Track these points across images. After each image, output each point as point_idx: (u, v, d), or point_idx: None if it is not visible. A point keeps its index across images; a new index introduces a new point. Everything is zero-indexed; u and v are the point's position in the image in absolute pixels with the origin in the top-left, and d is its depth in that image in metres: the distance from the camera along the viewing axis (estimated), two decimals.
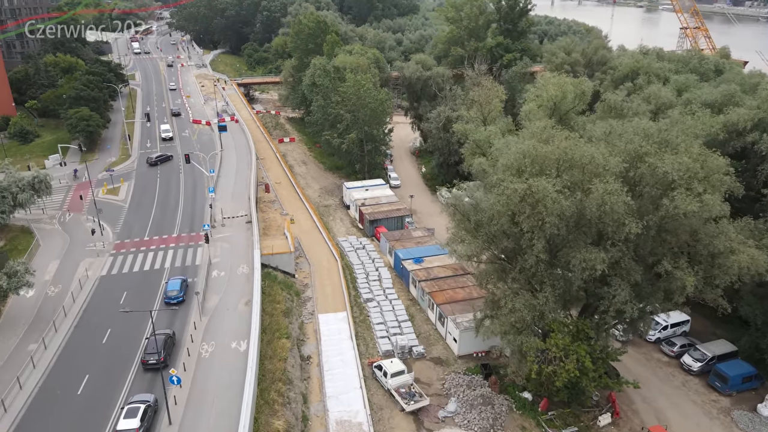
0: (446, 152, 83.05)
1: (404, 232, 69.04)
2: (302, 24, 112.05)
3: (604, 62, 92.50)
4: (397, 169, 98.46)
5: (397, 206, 76.10)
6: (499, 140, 42.97)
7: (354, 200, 77.92)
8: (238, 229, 64.75)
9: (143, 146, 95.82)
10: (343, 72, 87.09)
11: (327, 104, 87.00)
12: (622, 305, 35.36)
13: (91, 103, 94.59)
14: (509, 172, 35.00)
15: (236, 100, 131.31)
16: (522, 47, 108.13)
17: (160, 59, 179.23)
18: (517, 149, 35.24)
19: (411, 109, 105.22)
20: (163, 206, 71.14)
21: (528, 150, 34.46)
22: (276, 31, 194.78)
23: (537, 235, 33.84)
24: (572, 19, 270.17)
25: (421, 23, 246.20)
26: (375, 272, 63.02)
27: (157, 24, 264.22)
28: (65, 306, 48.71)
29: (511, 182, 33.42)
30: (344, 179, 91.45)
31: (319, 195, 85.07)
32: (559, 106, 60.14)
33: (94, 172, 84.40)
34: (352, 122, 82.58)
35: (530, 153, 34.32)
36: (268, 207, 77.00)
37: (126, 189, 76.79)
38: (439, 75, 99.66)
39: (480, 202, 37.28)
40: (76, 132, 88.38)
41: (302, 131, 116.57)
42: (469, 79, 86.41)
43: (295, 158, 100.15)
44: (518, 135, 41.99)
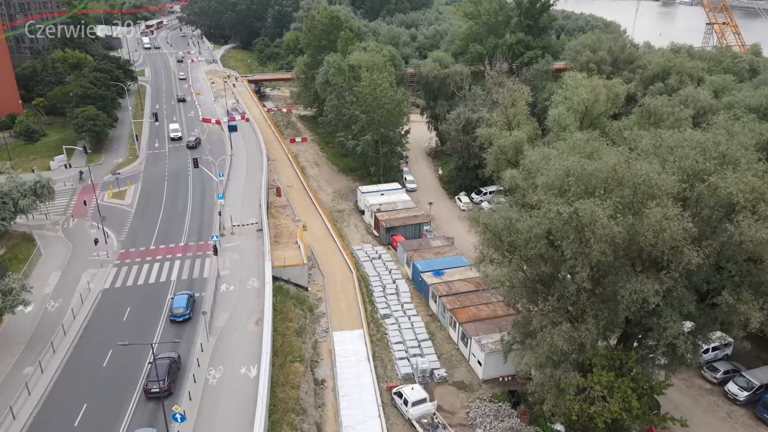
0: (465, 156, 79.30)
1: (423, 242, 65.50)
2: (315, 19, 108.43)
3: (632, 60, 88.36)
4: (412, 170, 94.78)
5: (414, 213, 72.55)
6: (533, 151, 39.18)
7: (369, 205, 74.49)
8: (249, 237, 61.56)
9: (151, 146, 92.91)
10: (358, 71, 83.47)
11: (341, 104, 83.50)
12: (674, 339, 31.70)
13: (98, 101, 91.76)
14: (551, 192, 31.34)
15: (247, 97, 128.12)
16: (543, 44, 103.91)
17: (171, 54, 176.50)
18: (560, 166, 31.53)
19: (427, 108, 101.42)
20: (171, 211, 68.11)
21: (573, 167, 30.75)
22: (287, 26, 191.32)
23: (581, 262, 30.19)
24: (589, 14, 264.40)
25: (435, 18, 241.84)
26: (392, 285, 59.59)
27: (167, 19, 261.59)
28: (65, 324, 45.79)
29: (554, 204, 29.78)
30: (358, 182, 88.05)
31: (332, 199, 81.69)
32: (591, 109, 56.21)
33: (101, 173, 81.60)
34: (367, 123, 79.02)
35: (575, 171, 30.62)
36: (279, 212, 73.75)
37: (132, 192, 73.86)
38: (457, 73, 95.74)
39: (514, 221, 33.62)
40: (82, 132, 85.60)
41: (314, 130, 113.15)
42: (490, 79, 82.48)
43: (307, 159, 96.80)
44: (555, 147, 38.23)
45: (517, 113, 60.42)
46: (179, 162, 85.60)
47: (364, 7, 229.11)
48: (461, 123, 77.44)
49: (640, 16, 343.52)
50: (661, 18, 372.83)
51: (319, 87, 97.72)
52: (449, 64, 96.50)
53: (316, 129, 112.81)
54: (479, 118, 76.59)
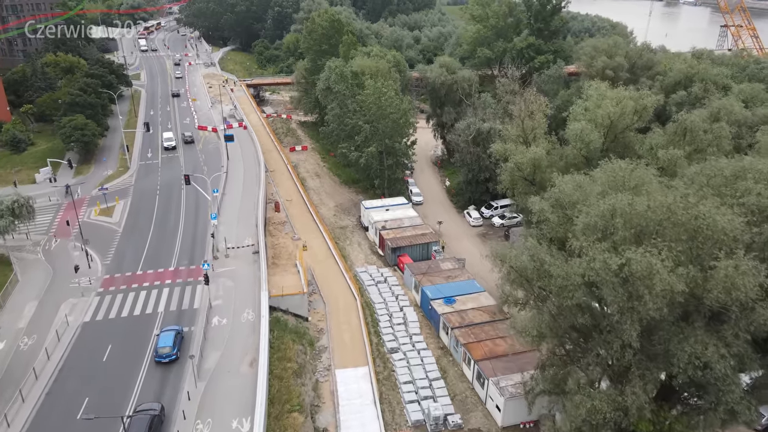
0: (476, 168, 74.63)
1: (432, 264, 60.82)
2: (315, 23, 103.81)
3: (650, 66, 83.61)
4: (418, 181, 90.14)
5: (422, 231, 67.88)
6: (564, 179, 34.44)
7: (373, 222, 69.83)
8: (244, 261, 56.91)
9: (143, 156, 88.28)
10: (362, 78, 78.80)
11: (343, 113, 78.85)
12: (735, 404, 27.06)
13: (88, 109, 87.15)
14: (593, 236, 26.70)
15: (245, 102, 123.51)
16: (555, 48, 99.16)
17: (168, 57, 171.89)
18: (605, 206, 26.80)
19: (433, 116, 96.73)
20: (161, 230, 63.48)
21: (620, 207, 26.10)
22: (288, 27, 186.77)
23: (630, 318, 25.55)
24: (595, 15, 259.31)
25: (438, 19, 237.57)
26: (399, 312, 54.95)
27: (166, 20, 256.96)
28: (37, 366, 41.16)
29: (599, 252, 25.16)
30: (361, 194, 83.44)
31: (334, 214, 77.00)
32: (616, 123, 51.53)
33: (90, 186, 77.03)
34: (371, 134, 74.37)
35: (623, 211, 25.97)
36: (278, 230, 69.12)
37: (121, 209, 69.19)
38: (465, 80, 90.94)
39: (547, 265, 28.95)
40: (69, 142, 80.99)
41: (315, 137, 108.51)
42: (502, 87, 77.80)
43: (307, 169, 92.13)
44: (592, 176, 33.46)
45: (534, 126, 55.72)
46: (172, 173, 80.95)
47: (365, 8, 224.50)
48: (471, 134, 72.76)
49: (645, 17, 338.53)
50: (665, 18, 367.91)
51: (320, 94, 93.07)
52: (456, 70, 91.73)
53: (317, 136, 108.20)
54: (490, 129, 71.94)
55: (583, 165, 54.27)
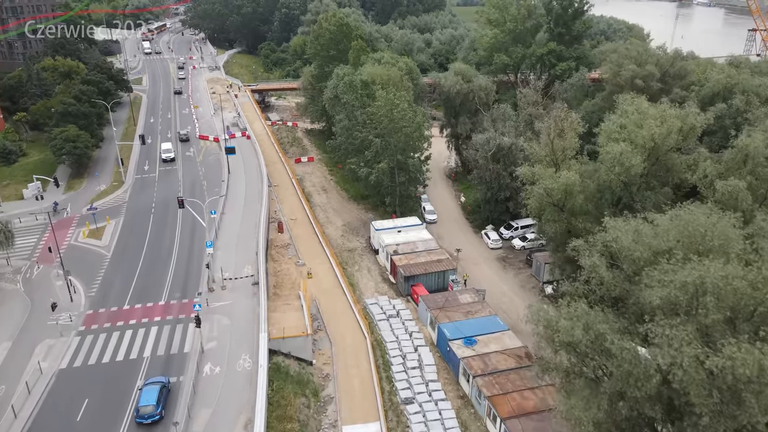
0: (495, 187, 68.88)
1: (449, 296, 55.15)
2: (322, 27, 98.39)
3: (683, 76, 77.41)
4: (431, 196, 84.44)
5: (437, 256, 62.25)
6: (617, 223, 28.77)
7: (384, 246, 64.27)
8: (243, 293, 51.52)
9: (140, 169, 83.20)
10: (372, 87, 73.25)
11: (352, 125, 73.34)
12: None
13: (81, 119, 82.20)
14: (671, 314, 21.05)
15: (249, 109, 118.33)
16: (577, 54, 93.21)
17: (172, 60, 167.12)
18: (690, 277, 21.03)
19: (448, 126, 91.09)
20: (154, 256, 58.21)
21: (712, 281, 20.34)
22: (295, 29, 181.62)
23: (724, 424, 19.84)
24: (610, 16, 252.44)
25: (449, 20, 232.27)
26: (413, 353, 49.37)
27: (171, 21, 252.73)
28: (1, 428, 35.92)
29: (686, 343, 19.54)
30: (371, 211, 77.92)
31: (341, 234, 71.49)
32: (660, 145, 45.72)
33: (81, 202, 72.08)
34: (382, 149, 68.82)
35: (715, 286, 20.24)
36: (281, 254, 63.74)
37: (112, 230, 64.02)
38: (482, 88, 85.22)
39: (608, 344, 23.28)
40: (61, 155, 75.99)
41: (322, 147, 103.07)
42: (524, 98, 72.02)
43: (313, 183, 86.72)
44: (655, 224, 27.70)
45: (565, 147, 49.98)
46: (170, 188, 75.76)
47: (374, 9, 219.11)
48: (491, 150, 67.03)
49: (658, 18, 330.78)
50: (679, 20, 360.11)
51: (328, 102, 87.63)
52: (472, 78, 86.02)
53: (325, 146, 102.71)
54: (512, 145, 66.24)
55: (620, 191, 48.63)
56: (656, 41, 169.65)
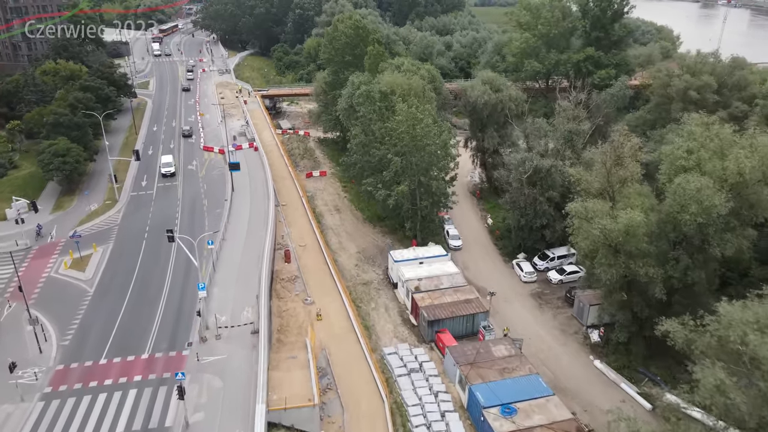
0: (531, 213, 60.72)
1: (481, 348, 47.15)
2: (338, 30, 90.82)
3: (743, 87, 68.73)
4: (453, 216, 76.21)
5: (465, 295, 54.30)
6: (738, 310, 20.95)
7: (405, 280, 56.49)
8: (240, 344, 44.09)
9: (137, 186, 76.27)
10: (392, 98, 65.52)
11: (369, 141, 65.66)
12: None
13: (74, 130, 75.46)
14: None
15: (258, 116, 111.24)
16: (617, 61, 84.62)
17: (182, 62, 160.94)
18: None
19: (473, 138, 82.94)
20: (141, 294, 51.03)
21: None
22: (309, 31, 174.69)
23: None
24: (637, 17, 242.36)
25: (468, 22, 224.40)
26: (440, 422, 41.47)
27: (183, 22, 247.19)
28: None
29: None
30: (388, 236, 70.13)
31: (356, 264, 63.80)
32: (748, 179, 37.40)
33: (69, 224, 65.31)
34: (402, 169, 61.05)
35: None
36: (287, 289, 56.22)
37: (98, 260, 56.98)
38: (513, 99, 77.09)
39: None
40: (49, 171, 69.26)
41: (336, 159, 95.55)
42: (563, 112, 63.76)
43: (325, 201, 79.13)
44: None
45: (625, 178, 41.82)
46: (168, 208, 68.82)
47: (391, 9, 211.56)
48: (527, 172, 58.87)
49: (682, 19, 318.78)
50: (703, 21, 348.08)
51: (342, 113, 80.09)
52: (502, 87, 77.88)
53: (338, 157, 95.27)
54: (551, 168, 58.09)
55: (692, 231, 40.29)
56: (686, 44, 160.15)
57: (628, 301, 45.32)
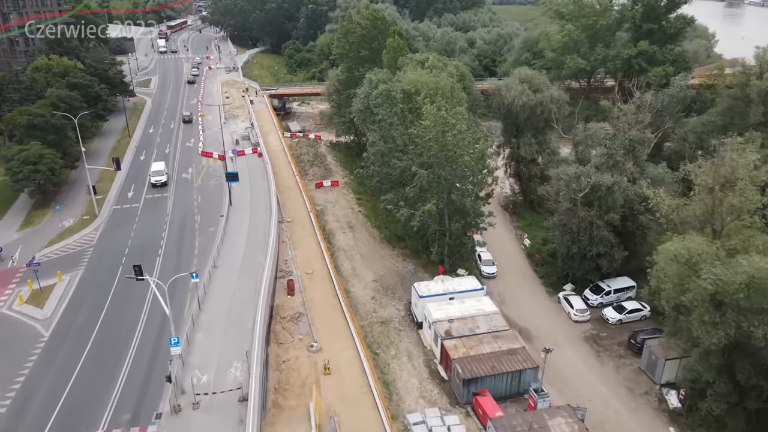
0: (585, 240, 49.93)
1: (535, 421, 36.61)
2: (353, 21, 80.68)
3: None
4: (484, 235, 65.53)
5: (507, 343, 43.84)
6: None
7: (432, 322, 46.15)
8: (223, 416, 34.03)
9: (122, 197, 66.73)
10: (416, 99, 55.30)
11: (389, 150, 55.41)
12: None
13: (51, 134, 66.15)
14: None
15: (265, 117, 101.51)
16: (674, 57, 73.47)
17: (187, 60, 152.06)
18: None
19: (506, 145, 72.34)
20: (106, 342, 41.20)
21: None
22: (322, 27, 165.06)
23: None
24: None
25: (489, 19, 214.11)
26: None
27: (193, 18, 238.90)
28: None
29: None
30: (409, 260, 59.88)
31: (372, 296, 53.48)
32: None
33: (37, 244, 55.87)
34: (429, 184, 50.71)
35: None
36: (289, 331, 46.11)
37: (62, 292, 47.32)
38: (554, 100, 66.58)
39: None
40: (18, 181, 59.95)
41: (349, 166, 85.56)
42: (624, 117, 52.96)
43: (337, 217, 68.97)
44: None
45: (738, 207, 31.16)
46: (154, 225, 59.19)
47: (408, 6, 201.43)
48: (583, 189, 48.15)
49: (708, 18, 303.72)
50: (729, 20, 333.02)
51: (357, 115, 70.08)
52: (542, 87, 67.27)
53: (352, 164, 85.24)
54: (614, 185, 47.34)
55: None
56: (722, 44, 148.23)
57: (730, 365, 34.70)
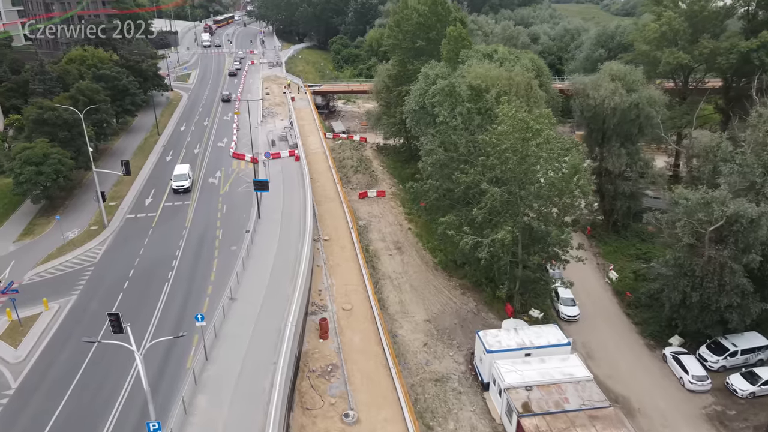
0: (712, 288, 37.59)
1: None
2: (409, 7, 70.05)
3: None
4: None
5: (608, 426, 32.33)
6: None
7: (504, 387, 35.10)
8: None
9: (138, 205, 58.32)
10: (487, 97, 44.26)
11: (450, 161, 44.46)
12: None
13: (63, 130, 58.34)
14: None
15: (307, 116, 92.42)
16: None
17: (230, 54, 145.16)
18: None
19: (589, 156, 60.04)
20: (81, 404, 32.01)
21: None
22: (372, 22, 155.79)
23: None
24: None
25: (549, 15, 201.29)
26: None
27: (240, 14, 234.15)
28: None
29: None
30: (469, 294, 49.03)
31: (424, 343, 42.78)
32: None
33: (32, 259, 47.78)
34: (503, 206, 39.59)
35: None
36: (318, 391, 35.90)
37: (44, 325, 38.56)
38: (652, 102, 54.37)
39: None
40: (20, 183, 52.11)
41: (397, 173, 75.34)
42: (763, 125, 40.43)
43: (383, 235, 58.63)
44: None
45: None
46: (168, 240, 50.30)
47: (463, 2, 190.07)
48: (719, 221, 35.98)
49: None
50: None
51: (409, 116, 59.62)
52: (636, 85, 55.00)
53: (401, 171, 74.93)
54: (762, 216, 35.07)
55: None
56: None
57: None
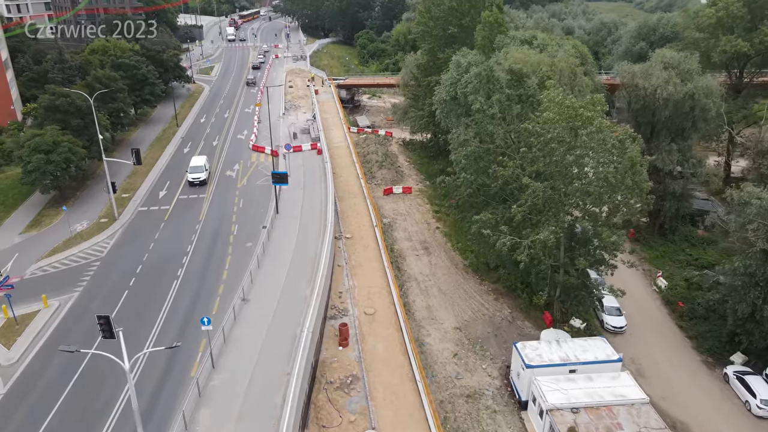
0: None
1: None
2: None
3: None
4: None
5: None
6: None
7: (547, 409, 30.84)
8: None
9: (152, 197, 55.41)
10: (527, 84, 39.93)
11: (485, 154, 40.18)
12: None
13: (75, 118, 55.71)
14: None
15: (330, 110, 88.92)
16: None
17: (255, 48, 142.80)
18: None
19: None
20: (75, 416, 28.79)
21: None
22: (399, 16, 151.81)
23: None
24: None
25: (582, 11, 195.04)
26: None
27: (266, 9, 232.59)
28: None
29: None
30: (503, 299, 44.72)
31: (454, 353, 38.68)
32: None
33: (38, 251, 45.06)
34: (546, 204, 35.25)
35: None
36: (336, 405, 32.11)
37: (42, 324, 35.56)
38: (708, 92, 49.37)
39: None
40: (28, 173, 49.53)
41: (424, 169, 71.30)
42: None
43: (409, 234, 54.65)
44: None
45: None
46: (180, 234, 47.14)
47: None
48: None
49: None
50: None
51: (440, 107, 55.49)
52: (692, 75, 50.00)
53: (428, 168, 70.88)
54: None
55: None
56: None
57: None
